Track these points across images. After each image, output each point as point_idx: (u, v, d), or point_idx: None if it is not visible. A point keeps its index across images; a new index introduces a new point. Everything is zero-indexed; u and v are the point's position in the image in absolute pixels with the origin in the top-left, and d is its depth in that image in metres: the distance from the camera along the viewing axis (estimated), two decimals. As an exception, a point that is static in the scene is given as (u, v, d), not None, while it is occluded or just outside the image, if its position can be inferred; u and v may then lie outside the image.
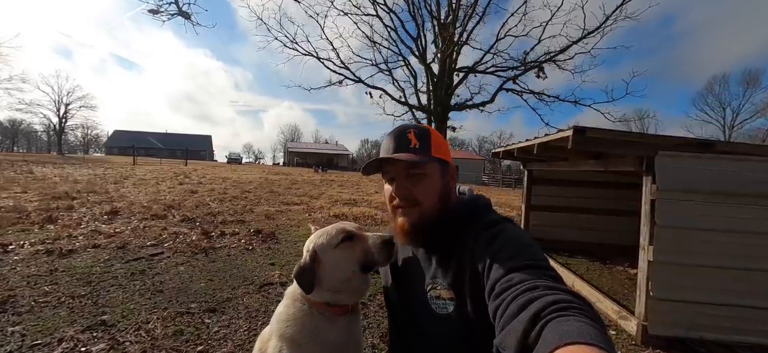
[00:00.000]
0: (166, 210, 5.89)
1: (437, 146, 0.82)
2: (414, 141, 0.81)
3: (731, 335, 2.33)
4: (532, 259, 0.62)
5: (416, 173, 0.80)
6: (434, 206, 0.80)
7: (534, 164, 4.98)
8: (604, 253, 4.89)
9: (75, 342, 1.93)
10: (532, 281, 0.56)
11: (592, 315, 0.48)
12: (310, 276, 0.81)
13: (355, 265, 0.84)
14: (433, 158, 0.81)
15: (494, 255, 0.66)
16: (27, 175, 10.42)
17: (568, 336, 0.41)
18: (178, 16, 6.47)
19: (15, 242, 3.54)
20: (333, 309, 0.85)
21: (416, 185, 0.80)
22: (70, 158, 27.12)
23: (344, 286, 0.85)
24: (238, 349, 2.00)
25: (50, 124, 44.25)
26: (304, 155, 51.28)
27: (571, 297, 0.51)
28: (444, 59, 11.59)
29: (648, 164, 2.41)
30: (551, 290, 0.53)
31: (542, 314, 0.47)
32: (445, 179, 0.83)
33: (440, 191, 0.82)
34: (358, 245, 0.85)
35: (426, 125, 0.86)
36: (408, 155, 0.78)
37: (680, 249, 2.36)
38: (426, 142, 0.81)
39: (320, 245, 0.85)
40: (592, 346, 0.39)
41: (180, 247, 3.85)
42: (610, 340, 0.42)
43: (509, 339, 0.49)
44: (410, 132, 0.82)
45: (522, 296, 0.53)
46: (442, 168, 0.83)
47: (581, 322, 0.44)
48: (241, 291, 2.80)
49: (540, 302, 0.49)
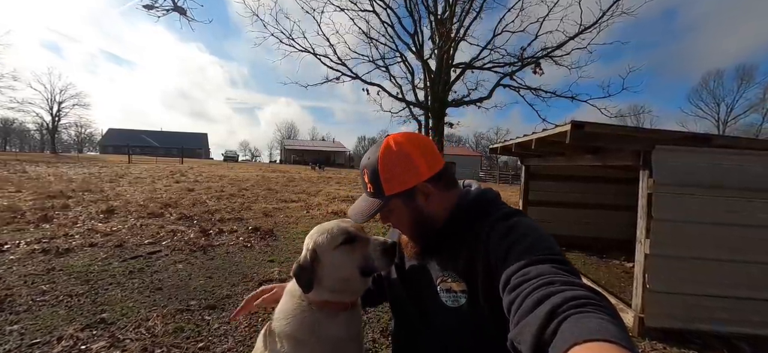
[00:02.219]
0: (163, 208, 5.85)
1: (390, 180, 0.78)
2: (368, 185, 0.82)
3: (727, 327, 2.37)
4: (549, 253, 0.61)
5: (383, 214, 0.83)
6: (413, 231, 0.85)
7: (531, 159, 5.00)
8: (600, 247, 4.94)
9: (75, 340, 1.92)
10: (549, 275, 0.54)
11: (611, 311, 0.46)
12: (309, 275, 0.81)
13: (355, 269, 0.83)
14: (386, 197, 0.78)
15: (509, 248, 0.65)
16: (21, 174, 10.29)
17: (587, 332, 0.40)
18: (173, 11, 6.40)
19: (10, 242, 3.50)
20: (332, 304, 0.85)
21: (389, 219, 0.85)
22: (64, 157, 26.83)
23: (343, 286, 0.85)
24: (238, 345, 2.00)
25: (43, 122, 43.69)
26: (301, 153, 51.10)
27: (590, 293, 0.49)
28: (441, 55, 11.58)
29: (645, 158, 2.43)
30: (569, 285, 0.51)
31: (560, 309, 0.46)
32: (412, 205, 0.80)
33: (412, 219, 0.82)
34: (358, 248, 0.84)
35: (377, 149, 0.80)
36: (361, 212, 0.82)
37: (677, 242, 2.39)
38: (377, 183, 0.79)
39: (320, 244, 0.84)
40: (613, 344, 0.38)
41: (178, 245, 3.83)
42: (629, 337, 0.41)
43: (525, 333, 0.48)
44: (365, 173, 0.82)
45: (539, 290, 0.52)
46: (405, 198, 0.79)
47: (600, 319, 0.43)
48: (240, 288, 2.80)
49: (558, 297, 0.48)
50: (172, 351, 1.90)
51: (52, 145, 43.54)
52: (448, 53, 11.72)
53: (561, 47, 11.18)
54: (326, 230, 0.85)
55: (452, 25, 11.65)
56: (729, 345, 2.29)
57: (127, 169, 14.99)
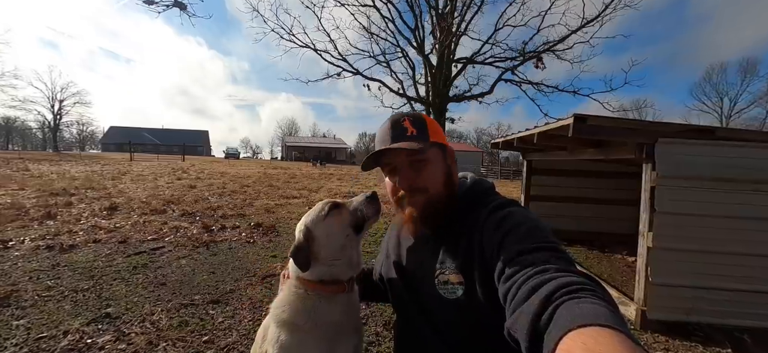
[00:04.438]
0: (166, 205, 5.87)
1: (433, 131, 0.81)
2: (410, 128, 0.78)
3: (729, 319, 2.37)
4: (543, 241, 0.61)
5: (419, 161, 0.78)
6: (441, 191, 0.79)
7: (533, 154, 4.99)
8: (602, 242, 4.94)
9: (81, 334, 1.94)
10: (543, 263, 0.54)
11: (604, 296, 0.46)
12: (305, 253, 0.82)
13: (348, 229, 0.86)
14: (432, 143, 0.79)
15: (503, 238, 0.65)
16: (23, 172, 10.33)
17: (581, 317, 0.40)
18: (173, 6, 6.37)
19: (15, 239, 3.53)
20: (329, 288, 0.85)
21: (420, 172, 0.79)
22: (66, 155, 26.91)
23: (340, 254, 0.86)
24: (243, 339, 2.02)
25: (45, 121, 43.88)
26: (302, 149, 51.11)
27: (583, 279, 0.49)
28: (442, 50, 11.51)
29: (648, 151, 2.42)
30: (563, 272, 0.52)
31: (554, 296, 0.47)
32: (446, 162, 0.83)
33: (445, 175, 0.81)
34: (344, 210, 0.88)
35: (419, 112, 0.83)
36: (408, 143, 0.76)
37: (679, 235, 2.38)
38: (423, 128, 0.79)
39: (311, 220, 0.86)
40: (607, 328, 0.38)
41: (181, 241, 3.85)
42: (623, 321, 0.41)
43: (521, 321, 0.48)
44: (405, 120, 0.80)
45: (533, 278, 0.52)
46: (442, 152, 0.82)
47: (594, 304, 0.43)
48: (243, 283, 2.82)
49: (552, 284, 0.48)
50: (177, 344, 1.92)
51: (54, 143, 43.73)
52: (449, 48, 11.65)
53: (563, 41, 11.09)
54: (312, 210, 0.90)
55: (453, 19, 11.56)
56: (731, 338, 2.29)
57: (129, 166, 15.03)
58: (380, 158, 0.82)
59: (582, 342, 0.37)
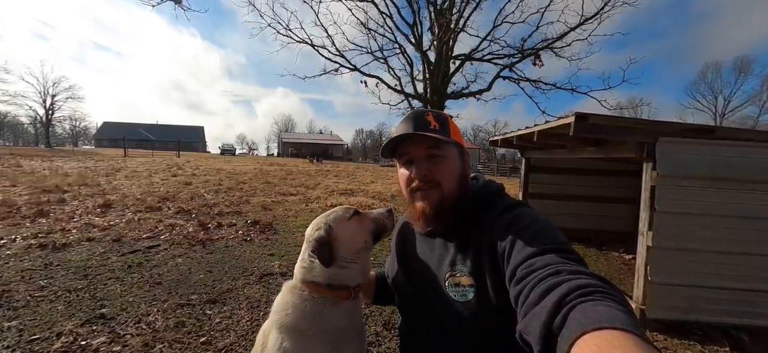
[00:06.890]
0: (161, 202, 5.80)
1: (454, 130, 0.83)
2: (433, 123, 0.80)
3: (727, 317, 2.38)
4: (554, 242, 0.61)
5: (437, 155, 0.79)
6: (454, 188, 0.80)
7: (532, 152, 4.99)
8: (599, 240, 4.97)
9: (74, 335, 1.90)
10: (555, 265, 0.54)
11: (618, 298, 0.46)
12: (329, 249, 0.81)
13: (368, 234, 0.88)
14: (452, 140, 0.80)
15: (514, 240, 0.64)
16: (15, 169, 10.17)
17: (596, 320, 0.39)
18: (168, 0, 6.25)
19: (6, 237, 3.46)
20: (337, 293, 0.84)
21: (437, 167, 0.79)
22: (59, 151, 26.55)
23: (356, 257, 0.86)
24: (241, 339, 1.99)
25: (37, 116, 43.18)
26: (299, 146, 50.91)
27: (597, 281, 0.49)
28: (440, 47, 11.45)
29: (649, 150, 2.41)
30: (575, 274, 0.51)
31: (568, 298, 0.46)
32: (462, 161, 0.84)
33: (459, 173, 0.82)
34: (366, 217, 0.91)
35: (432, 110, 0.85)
36: (432, 133, 0.78)
37: (679, 234, 2.39)
38: (445, 125, 0.81)
39: (333, 219, 0.87)
40: (621, 331, 0.37)
41: (177, 239, 3.80)
42: (638, 324, 0.40)
43: (533, 324, 0.48)
44: (429, 115, 0.81)
45: (545, 281, 0.51)
46: (460, 152, 0.84)
47: (609, 306, 0.42)
48: (241, 282, 2.78)
49: (565, 286, 0.48)
50: (174, 346, 1.88)
51: (46, 139, 43.05)
52: (447, 44, 11.58)
53: (562, 39, 11.07)
54: (333, 211, 0.90)
55: (452, 15, 11.48)
56: (729, 336, 2.31)
57: (124, 162, 14.86)
58: (399, 147, 0.83)
59: (596, 345, 0.37)
